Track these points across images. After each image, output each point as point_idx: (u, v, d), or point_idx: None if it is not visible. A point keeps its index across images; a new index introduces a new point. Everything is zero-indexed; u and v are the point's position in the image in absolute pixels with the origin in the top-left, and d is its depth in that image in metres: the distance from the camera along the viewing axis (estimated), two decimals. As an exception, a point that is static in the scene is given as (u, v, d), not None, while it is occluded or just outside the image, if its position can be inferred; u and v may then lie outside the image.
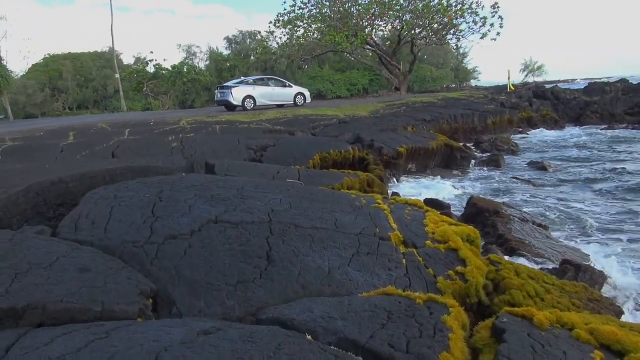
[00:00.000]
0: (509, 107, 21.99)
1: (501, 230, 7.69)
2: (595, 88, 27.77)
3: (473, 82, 60.38)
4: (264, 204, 5.04)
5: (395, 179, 12.08)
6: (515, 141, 16.73)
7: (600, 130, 20.66)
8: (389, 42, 37.66)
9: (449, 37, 30.93)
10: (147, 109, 48.75)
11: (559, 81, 59.60)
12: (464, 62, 59.01)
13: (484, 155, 15.36)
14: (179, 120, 17.75)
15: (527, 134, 20.02)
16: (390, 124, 15.97)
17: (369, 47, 32.33)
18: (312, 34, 31.51)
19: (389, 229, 4.82)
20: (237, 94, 21.25)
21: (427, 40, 31.82)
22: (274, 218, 4.62)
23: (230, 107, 21.75)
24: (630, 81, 29.33)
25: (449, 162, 14.27)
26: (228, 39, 55.37)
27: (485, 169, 13.98)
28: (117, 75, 40.79)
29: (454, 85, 56.93)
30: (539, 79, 60.79)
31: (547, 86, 29.18)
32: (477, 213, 8.66)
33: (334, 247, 4.26)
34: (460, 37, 30.47)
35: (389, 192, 9.71)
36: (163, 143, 11.81)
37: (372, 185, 9.10)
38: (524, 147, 17.36)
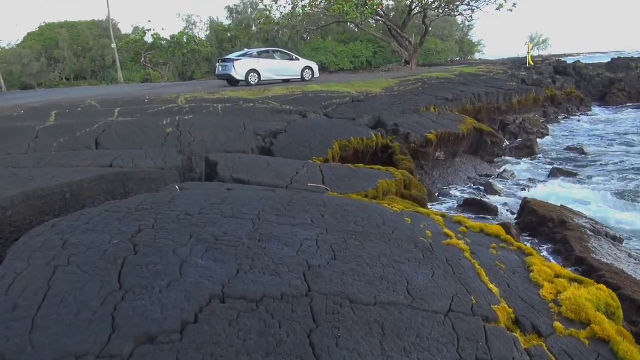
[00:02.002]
0: (530, 84, 20.02)
1: (578, 251, 5.92)
2: (620, 64, 25.58)
3: (477, 55, 58.12)
4: (294, 251, 3.24)
5: (424, 171, 10.25)
6: (549, 125, 14.86)
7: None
8: (393, 13, 35.17)
9: (463, 7, 28.63)
10: (145, 80, 46.47)
11: (564, 55, 57.28)
12: (469, 34, 56.60)
13: (514, 140, 13.53)
14: (176, 97, 15.76)
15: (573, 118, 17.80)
16: (410, 104, 14.03)
17: (378, 17, 29.96)
18: (318, 2, 29.11)
19: (488, 295, 3.04)
20: (240, 68, 19.14)
21: (440, 11, 29.47)
22: (314, 285, 2.84)
23: (233, 82, 19.67)
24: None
25: (477, 148, 12.45)
26: (229, 9, 52.58)
27: (520, 157, 12.16)
28: (113, 45, 38.43)
29: (458, 58, 54.68)
30: (544, 53, 58.52)
31: (568, 60, 27.05)
32: (539, 222, 6.89)
33: (419, 347, 2.49)
34: (475, 7, 28.20)
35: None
36: (156, 127, 9.91)
37: (410, 186, 7.30)
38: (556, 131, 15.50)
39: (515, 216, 7.57)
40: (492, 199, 8.94)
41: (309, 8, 29.17)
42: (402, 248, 3.57)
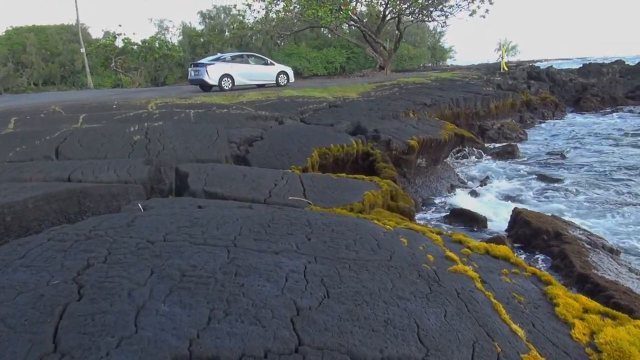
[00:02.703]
0: (506, 89, 19.85)
1: (579, 267, 5.48)
2: (591, 69, 25.70)
3: (449, 61, 58.64)
4: (278, 288, 2.64)
5: (406, 179, 9.77)
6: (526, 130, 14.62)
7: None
8: (366, 20, 34.82)
9: (436, 13, 28.49)
10: (117, 86, 45.14)
11: (532, 61, 58.27)
12: (441, 41, 57.12)
13: (494, 144, 13.21)
14: (146, 103, 14.95)
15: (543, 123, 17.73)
16: (389, 109, 13.58)
17: (352, 22, 29.54)
18: (292, 7, 28.51)
19: (513, 339, 2.51)
20: (213, 72, 18.39)
21: (414, 17, 29.27)
22: (305, 335, 2.25)
23: (206, 87, 18.91)
24: (626, 62, 27.53)
25: (458, 154, 12.06)
26: (202, 14, 51.69)
27: (500, 161, 11.82)
28: (83, 50, 37.08)
29: (430, 64, 55.04)
30: (513, 59, 59.49)
31: (541, 66, 27.15)
32: (532, 235, 6.44)
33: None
34: (449, 13, 28.09)
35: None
36: (123, 134, 9.17)
37: (396, 198, 6.78)
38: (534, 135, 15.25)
39: (506, 227, 7.12)
40: (478, 207, 8.51)
41: (283, 13, 28.57)
42: (404, 279, 3.01)
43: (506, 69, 26.07)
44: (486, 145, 13.52)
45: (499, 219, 7.86)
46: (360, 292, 2.73)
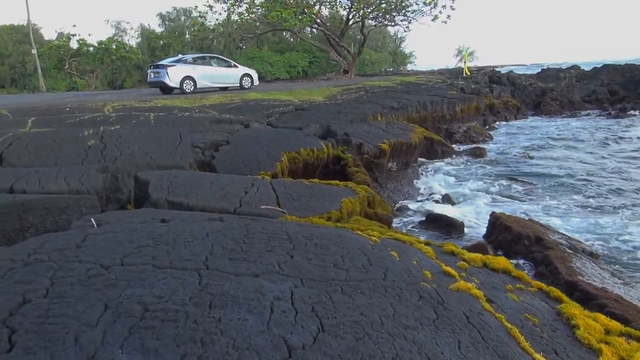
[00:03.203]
0: (469, 93, 19.96)
1: (565, 274, 5.23)
2: (549, 74, 26.33)
3: (409, 66, 59.44)
4: (263, 322, 2.17)
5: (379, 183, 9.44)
6: (489, 132, 14.62)
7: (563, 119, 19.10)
8: (329, 24, 34.58)
9: (400, 18, 28.50)
10: (71, 89, 43.29)
11: (490, 66, 59.71)
12: (401, 46, 57.80)
13: (462, 147, 13.10)
14: (102, 106, 14.09)
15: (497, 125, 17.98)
16: (357, 112, 13.26)
17: (316, 26, 29.21)
18: (256, 9, 27.92)
19: (539, 374, 2.15)
20: (174, 74, 17.61)
21: (377, 21, 29.22)
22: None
23: (166, 90, 18.10)
24: (582, 67, 28.35)
25: (428, 157, 11.86)
26: (161, 16, 50.41)
27: (470, 164, 11.68)
28: (34, 51, 35.25)
29: (391, 69, 55.56)
30: (471, 64, 60.75)
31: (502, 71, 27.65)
32: (513, 240, 6.19)
33: None
34: (412, 18, 28.15)
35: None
36: (76, 139, 8.44)
37: (374, 204, 6.40)
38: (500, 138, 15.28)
39: (485, 233, 6.86)
40: (451, 211, 8.25)
41: (246, 14, 27.94)
42: (405, 302, 2.61)
43: (468, 73, 26.37)
44: (454, 147, 13.39)
45: (475, 223, 7.62)
46: (360, 321, 2.30)
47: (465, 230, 7.27)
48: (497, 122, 18.49)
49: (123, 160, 7.44)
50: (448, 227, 7.15)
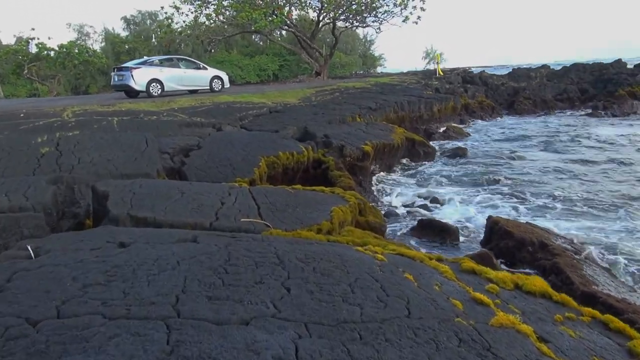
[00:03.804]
0: (444, 93, 19.61)
1: (580, 284, 4.70)
2: (521, 74, 26.25)
3: (379, 69, 59.41)
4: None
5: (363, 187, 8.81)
6: (468, 130, 14.21)
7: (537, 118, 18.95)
8: (299, 26, 33.93)
9: (371, 19, 28.03)
10: (32, 95, 41.37)
11: (458, 68, 60.36)
12: (371, 49, 57.78)
13: (443, 147, 12.62)
14: (61, 111, 13.03)
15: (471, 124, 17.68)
16: (334, 113, 12.63)
17: (287, 27, 28.45)
18: (224, 10, 26.95)
19: None
20: (140, 77, 16.57)
21: (348, 22, 28.69)
22: None
23: (132, 93, 17.04)
24: (551, 67, 28.48)
25: (410, 159, 11.32)
26: (125, 19, 48.82)
27: (452, 165, 11.18)
28: (-10, 56, 33.37)
29: (361, 72, 55.43)
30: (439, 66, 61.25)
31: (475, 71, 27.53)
32: (517, 247, 5.64)
33: None
34: (383, 19, 27.71)
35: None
36: (28, 147, 7.53)
37: (365, 212, 5.76)
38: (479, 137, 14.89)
39: (482, 239, 6.30)
40: (441, 215, 7.69)
41: (214, 16, 26.95)
42: (444, 351, 1.95)
43: (442, 73, 26.12)
44: (435, 147, 12.90)
45: (468, 228, 7.06)
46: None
47: (460, 236, 6.70)
48: (474, 122, 18.17)
49: (81, 169, 6.59)
50: (442, 233, 6.56)
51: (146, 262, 2.56)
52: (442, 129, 14.45)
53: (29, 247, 2.73)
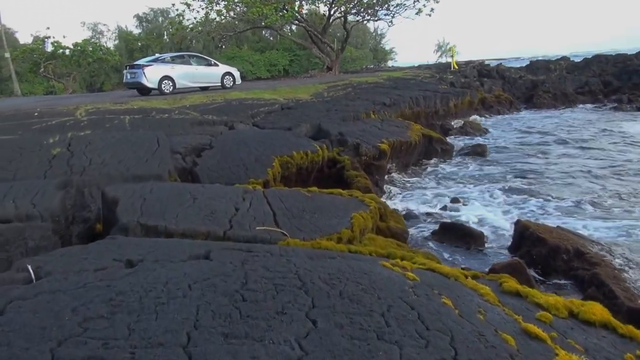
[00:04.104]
0: (460, 87, 19.13)
1: (624, 298, 4.33)
2: (539, 66, 25.50)
3: (390, 63, 58.76)
4: None
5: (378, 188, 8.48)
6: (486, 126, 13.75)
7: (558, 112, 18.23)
8: (309, 21, 33.49)
9: (382, 12, 27.55)
10: (49, 93, 41.61)
11: (473, 61, 59.58)
12: (382, 42, 57.11)
13: (460, 144, 12.21)
14: (74, 109, 12.86)
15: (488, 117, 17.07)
16: (347, 110, 12.28)
17: (297, 22, 28.06)
18: (235, 6, 26.63)
19: None
20: (152, 74, 16.38)
21: (360, 16, 28.21)
22: None
23: (144, 91, 16.86)
24: (571, 59, 27.65)
25: (427, 157, 10.95)
26: (138, 17, 48.82)
27: (472, 163, 10.79)
28: (7, 55, 33.48)
29: (372, 66, 54.85)
30: (451, 59, 60.61)
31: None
32: (550, 255, 5.28)
33: None
34: (395, 12, 27.21)
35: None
36: (40, 147, 7.31)
37: (385, 216, 5.44)
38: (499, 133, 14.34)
39: (510, 245, 5.95)
40: (463, 218, 7.34)
41: (225, 12, 26.64)
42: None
43: (457, 67, 25.57)
44: (453, 145, 12.48)
45: (493, 231, 6.70)
46: None
47: (487, 240, 6.34)
48: (491, 116, 17.67)
49: (92, 170, 6.36)
50: (466, 237, 6.22)
51: (155, 287, 2.28)
52: (458, 125, 14.02)
53: (29, 268, 2.47)
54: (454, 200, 8.11)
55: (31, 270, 2.43)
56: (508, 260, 4.87)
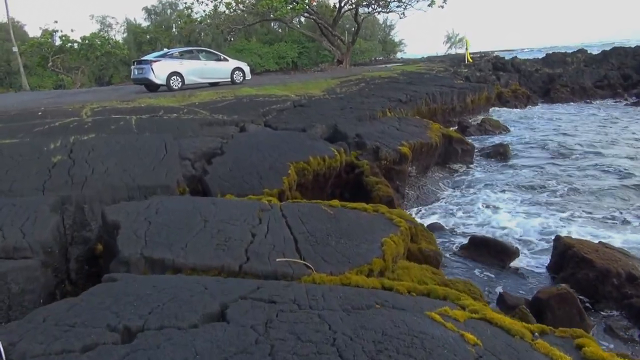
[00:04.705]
0: (475, 82, 18.40)
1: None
2: (555, 59, 24.49)
3: (399, 55, 57.89)
4: None
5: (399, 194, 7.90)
6: (506, 124, 13.01)
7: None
8: (319, 13, 32.70)
9: (394, 4, 26.65)
10: (59, 86, 41.31)
11: (488, 54, 58.74)
12: (391, 34, 56.20)
13: (480, 144, 11.56)
14: (80, 108, 12.35)
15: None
16: (363, 108, 11.66)
17: (307, 15, 27.28)
18: (244, -1, 25.94)
19: None
20: (160, 70, 15.80)
21: (372, 8, 27.36)
22: None
23: (152, 87, 16.31)
24: (588, 50, 26.58)
25: (446, 158, 10.32)
26: (147, 10, 48.31)
27: (495, 164, 10.16)
28: (15, 49, 33.05)
29: (381, 58, 53.99)
30: (461, 51, 59.60)
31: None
32: (599, 279, 4.68)
33: None
34: (407, 4, 26.30)
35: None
36: (39, 154, 6.80)
37: (416, 237, 4.87)
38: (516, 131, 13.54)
39: (550, 263, 5.37)
40: (492, 229, 6.75)
41: (234, 4, 25.92)
42: None
43: (471, 60, 24.74)
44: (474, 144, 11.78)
45: (527, 246, 6.11)
46: None
47: (521, 258, 5.75)
48: (509, 111, 16.91)
49: (95, 180, 5.82)
50: (499, 254, 5.63)
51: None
52: (477, 122, 13.35)
53: (1, 349, 1.93)
54: (479, 208, 7.52)
55: (2, 350, 1.90)
56: (556, 289, 4.27)
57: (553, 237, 5.72)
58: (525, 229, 6.65)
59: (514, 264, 5.57)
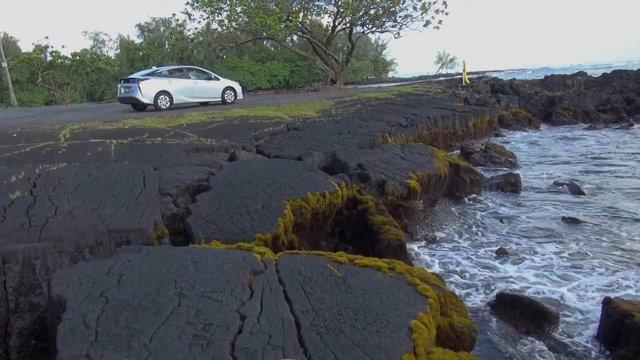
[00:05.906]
0: (475, 104, 17.67)
1: None
2: (554, 81, 23.94)
3: (390, 74, 57.83)
4: None
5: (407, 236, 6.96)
6: (512, 151, 12.18)
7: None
8: (312, 33, 32.03)
9: (389, 23, 26.02)
10: (50, 102, 40.28)
11: (470, 73, 58.54)
12: (383, 53, 56.15)
13: (488, 173, 10.69)
14: (59, 129, 11.38)
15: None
16: (361, 132, 10.79)
17: (300, 33, 26.55)
18: (237, 16, 25.15)
19: None
20: (147, 89, 14.87)
21: (366, 27, 26.72)
22: None
23: (139, 106, 15.39)
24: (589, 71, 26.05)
25: (453, 189, 9.44)
26: (140, 26, 47.72)
27: (506, 197, 9.26)
28: (4, 64, 32.06)
29: (373, 77, 53.71)
30: (451, 71, 59.54)
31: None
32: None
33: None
34: (402, 24, 25.70)
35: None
36: (-3, 189, 5.81)
37: (445, 307, 3.91)
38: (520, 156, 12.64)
39: (599, 331, 4.42)
40: (515, 280, 5.82)
41: (227, 22, 25.19)
42: None
43: (468, 81, 24.10)
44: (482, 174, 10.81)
45: (564, 306, 5.14)
46: None
47: (563, 323, 4.78)
48: (511, 134, 16.14)
49: (57, 224, 4.82)
50: (536, 318, 4.69)
51: None
52: (481, 148, 12.53)
53: None
54: (499, 256, 6.59)
55: None
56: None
57: (593, 296, 4.80)
58: (553, 285, 5.70)
59: (554, 330, 4.62)
